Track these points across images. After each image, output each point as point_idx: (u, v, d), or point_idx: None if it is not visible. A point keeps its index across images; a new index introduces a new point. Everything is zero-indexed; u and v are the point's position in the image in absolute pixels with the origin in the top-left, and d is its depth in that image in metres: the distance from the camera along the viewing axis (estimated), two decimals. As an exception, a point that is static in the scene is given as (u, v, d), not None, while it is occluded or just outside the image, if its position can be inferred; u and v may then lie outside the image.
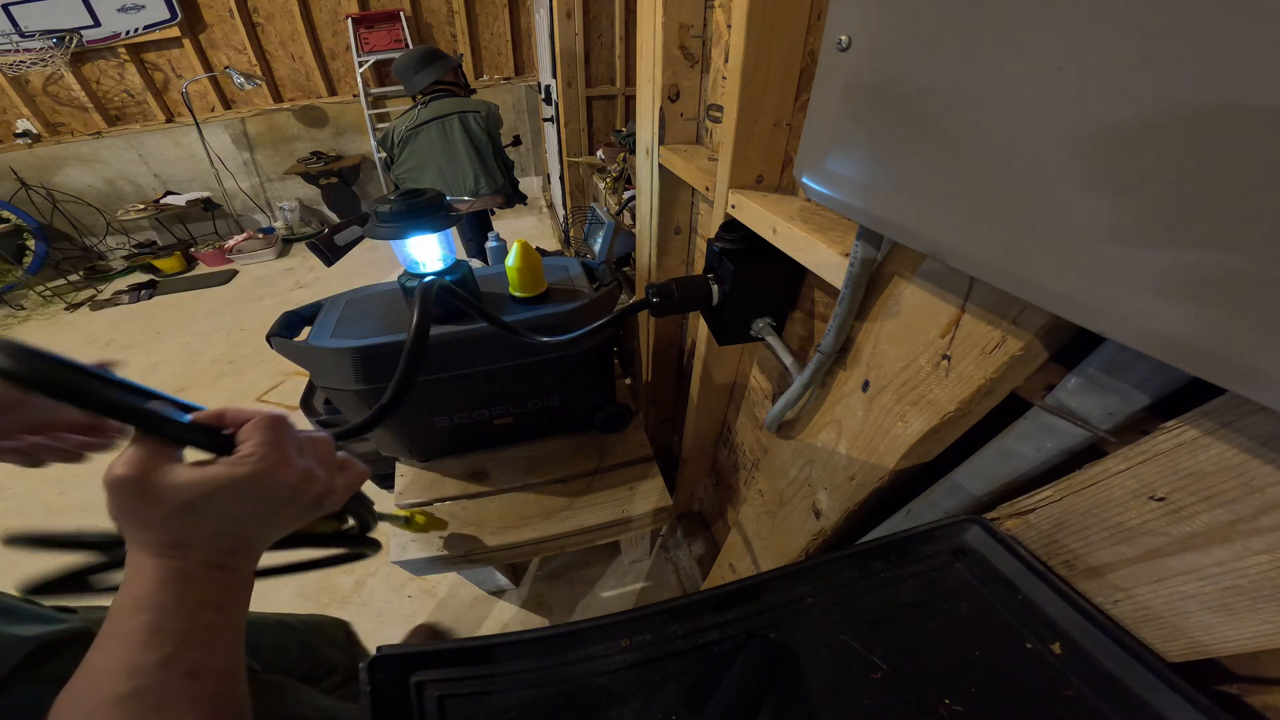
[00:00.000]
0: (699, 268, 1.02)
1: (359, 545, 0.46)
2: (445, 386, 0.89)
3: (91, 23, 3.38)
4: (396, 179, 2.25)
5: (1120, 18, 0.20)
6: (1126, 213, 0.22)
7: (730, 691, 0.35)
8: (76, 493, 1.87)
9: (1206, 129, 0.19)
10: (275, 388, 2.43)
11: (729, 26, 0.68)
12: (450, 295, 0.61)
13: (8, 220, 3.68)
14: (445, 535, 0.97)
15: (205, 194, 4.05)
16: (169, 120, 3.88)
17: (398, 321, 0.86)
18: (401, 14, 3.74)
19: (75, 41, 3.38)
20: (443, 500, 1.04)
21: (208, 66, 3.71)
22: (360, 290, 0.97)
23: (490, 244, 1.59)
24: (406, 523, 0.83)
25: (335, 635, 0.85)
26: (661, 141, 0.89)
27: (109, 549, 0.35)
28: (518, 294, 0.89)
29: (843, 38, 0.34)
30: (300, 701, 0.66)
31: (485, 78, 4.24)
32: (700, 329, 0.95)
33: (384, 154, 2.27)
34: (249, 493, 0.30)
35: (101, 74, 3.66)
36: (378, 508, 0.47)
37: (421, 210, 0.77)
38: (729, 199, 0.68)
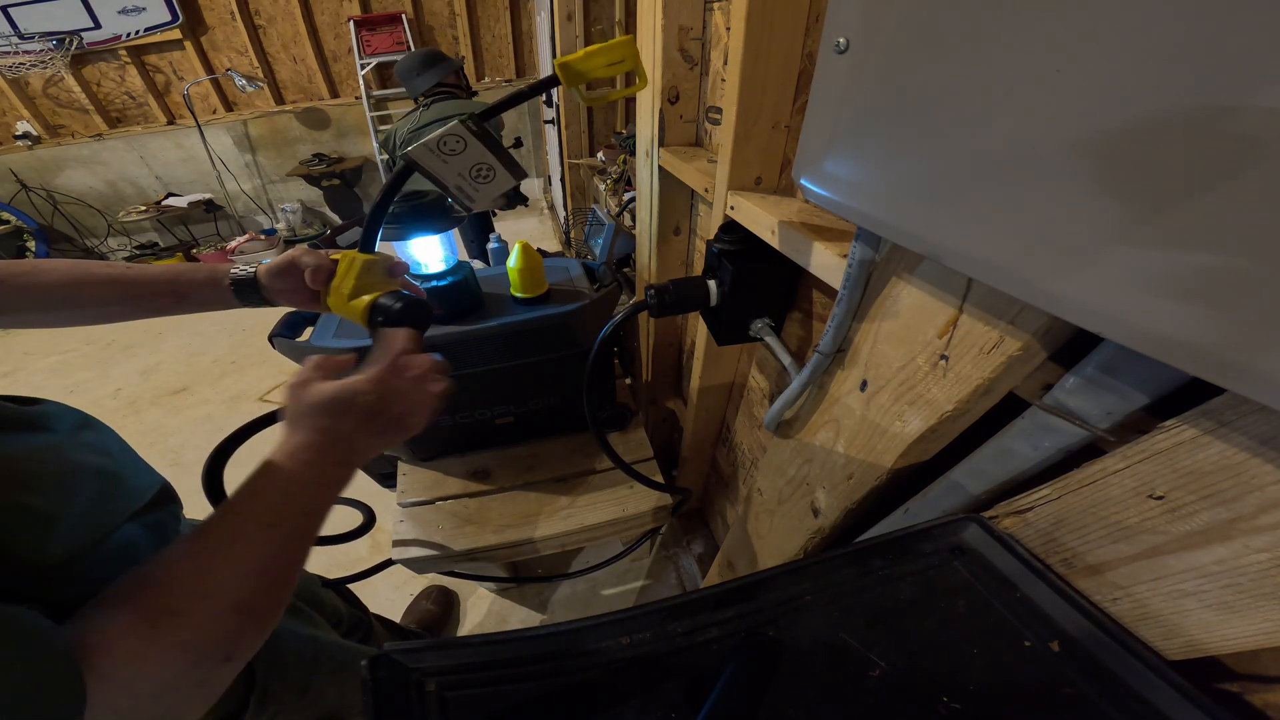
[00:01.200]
0: (698, 269, 1.02)
1: None
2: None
3: (92, 25, 3.39)
4: (398, 180, 2.25)
5: (1119, 20, 0.20)
6: (1124, 213, 0.22)
7: (729, 689, 0.35)
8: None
9: (1204, 130, 0.19)
10: (277, 387, 2.43)
11: (728, 29, 0.69)
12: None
13: (8, 222, 3.69)
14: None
15: (207, 196, 4.05)
16: (170, 122, 3.89)
17: (399, 322, 0.86)
18: (403, 16, 3.75)
19: (75, 44, 3.38)
20: (444, 499, 1.04)
21: (209, 69, 3.72)
22: (361, 291, 0.97)
23: (492, 245, 1.59)
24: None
25: (330, 594, 0.89)
26: (661, 143, 0.90)
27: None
28: (519, 294, 0.89)
29: (841, 40, 0.34)
30: (324, 629, 0.72)
31: (487, 80, 4.25)
32: (699, 329, 0.96)
33: (386, 156, 2.27)
34: (363, 406, 0.42)
35: (102, 76, 3.66)
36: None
37: (424, 212, 0.77)
38: (728, 200, 0.68)
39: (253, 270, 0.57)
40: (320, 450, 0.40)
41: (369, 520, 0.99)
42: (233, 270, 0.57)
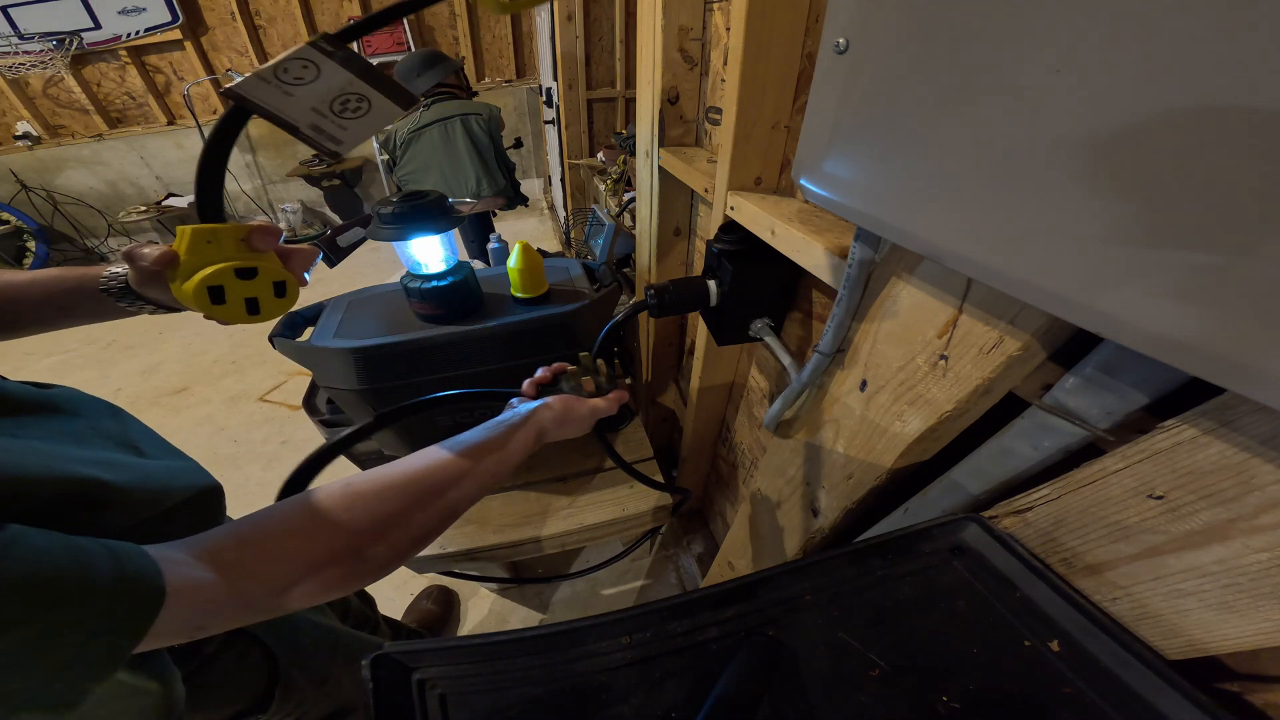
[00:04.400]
0: (698, 269, 1.02)
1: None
2: (447, 386, 0.89)
3: (92, 25, 3.38)
4: (399, 181, 2.26)
5: (1117, 20, 0.20)
6: (1124, 213, 0.22)
7: (729, 689, 0.35)
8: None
9: (1204, 130, 0.19)
10: (277, 387, 2.43)
11: (728, 29, 0.69)
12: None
13: (8, 222, 3.68)
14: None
15: (207, 196, 4.05)
16: (171, 122, 3.89)
17: (400, 322, 0.86)
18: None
19: (75, 44, 3.38)
20: (443, 501, 1.04)
21: (209, 69, 3.72)
22: (363, 291, 0.97)
23: (492, 245, 1.59)
24: None
25: None
26: (661, 144, 0.90)
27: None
28: (519, 294, 0.89)
29: (840, 40, 0.34)
30: (329, 617, 0.73)
31: (487, 80, 4.25)
32: (699, 329, 0.96)
33: (386, 156, 2.28)
34: (588, 417, 0.56)
35: (102, 76, 3.66)
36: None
37: (424, 212, 0.77)
38: (728, 201, 0.68)
39: (123, 273, 0.49)
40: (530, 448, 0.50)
41: None
42: (102, 279, 0.49)
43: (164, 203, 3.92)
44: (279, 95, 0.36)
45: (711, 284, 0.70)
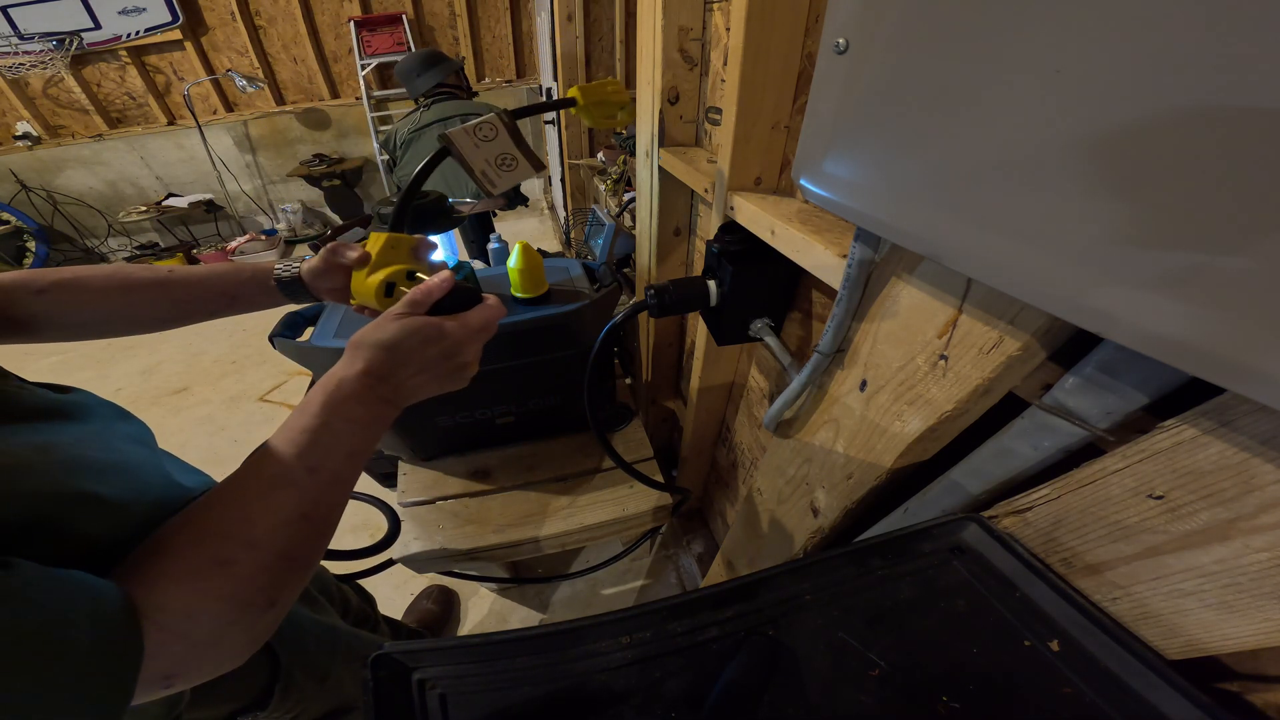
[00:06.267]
0: (698, 269, 1.02)
1: None
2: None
3: (92, 25, 3.38)
4: (399, 181, 2.26)
5: (1118, 21, 0.20)
6: (1124, 213, 0.22)
7: (729, 688, 0.35)
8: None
9: (1204, 130, 0.19)
10: (278, 387, 2.43)
11: (728, 29, 0.69)
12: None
13: (8, 222, 3.68)
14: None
15: (207, 196, 4.05)
16: (171, 123, 3.89)
17: (399, 322, 0.86)
18: (404, 17, 3.75)
19: (76, 44, 3.38)
20: (445, 499, 1.04)
21: (210, 69, 3.72)
22: (361, 291, 0.97)
23: (492, 245, 1.59)
24: None
25: (341, 583, 0.89)
26: (661, 144, 0.90)
27: None
28: (519, 295, 0.89)
29: (840, 40, 0.34)
30: (330, 615, 0.73)
31: (487, 80, 4.25)
32: (699, 329, 0.96)
33: (386, 156, 2.28)
34: (418, 340, 0.41)
35: (102, 76, 3.66)
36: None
37: (424, 212, 0.77)
38: (728, 201, 0.68)
39: (296, 269, 0.58)
40: (372, 386, 0.40)
41: (394, 530, 0.97)
42: (276, 270, 0.58)
43: (164, 203, 3.92)
44: (471, 146, 0.51)
45: (711, 284, 0.70)
